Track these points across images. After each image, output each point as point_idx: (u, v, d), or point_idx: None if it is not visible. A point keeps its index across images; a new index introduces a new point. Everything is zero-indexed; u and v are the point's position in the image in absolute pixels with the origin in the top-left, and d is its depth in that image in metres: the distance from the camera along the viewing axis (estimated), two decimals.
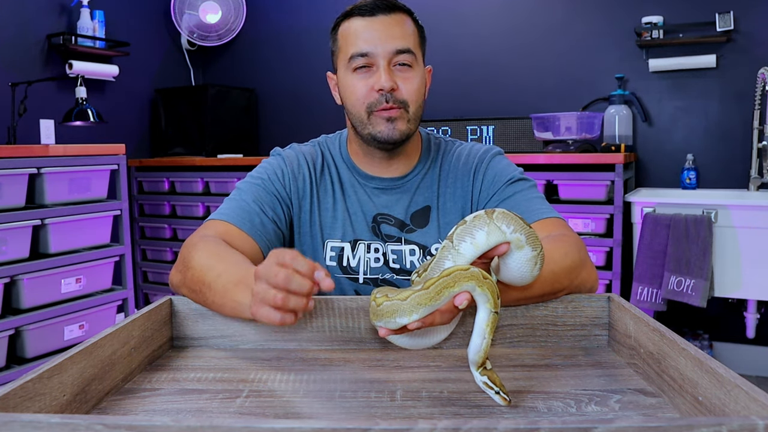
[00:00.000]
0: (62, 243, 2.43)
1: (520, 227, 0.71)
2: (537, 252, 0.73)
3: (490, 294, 0.67)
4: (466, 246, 0.71)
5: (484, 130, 3.00)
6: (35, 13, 2.94)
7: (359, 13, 1.08)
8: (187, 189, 3.27)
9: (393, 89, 1.06)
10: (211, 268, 0.89)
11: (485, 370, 0.67)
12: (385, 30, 1.06)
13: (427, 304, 0.66)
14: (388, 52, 1.06)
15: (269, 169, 1.16)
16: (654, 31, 2.77)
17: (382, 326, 0.70)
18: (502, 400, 0.65)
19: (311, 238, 1.15)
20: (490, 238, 0.70)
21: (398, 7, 1.09)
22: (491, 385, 0.66)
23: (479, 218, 0.71)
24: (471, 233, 0.71)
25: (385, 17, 1.07)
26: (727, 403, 0.56)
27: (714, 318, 2.80)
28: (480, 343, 0.67)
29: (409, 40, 1.08)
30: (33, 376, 0.59)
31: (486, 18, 3.18)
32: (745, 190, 2.67)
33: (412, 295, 0.67)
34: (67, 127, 3.01)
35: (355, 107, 1.09)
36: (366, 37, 1.06)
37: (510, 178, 1.12)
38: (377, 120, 1.08)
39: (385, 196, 1.16)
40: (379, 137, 1.09)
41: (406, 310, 0.67)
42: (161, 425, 0.44)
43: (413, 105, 1.09)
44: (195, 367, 0.82)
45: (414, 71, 1.09)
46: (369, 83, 1.07)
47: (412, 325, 0.67)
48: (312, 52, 3.57)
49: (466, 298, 0.66)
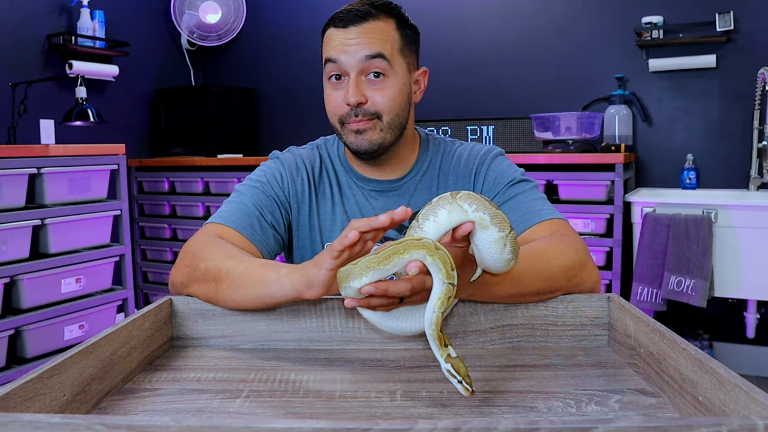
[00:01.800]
0: (62, 243, 2.43)
1: (483, 207, 0.71)
2: (505, 233, 0.73)
3: (442, 264, 0.67)
4: (429, 224, 0.72)
5: (484, 130, 3.00)
6: (35, 13, 2.94)
7: (334, 23, 1.07)
8: (187, 189, 3.27)
9: (360, 103, 1.06)
10: (229, 258, 0.90)
11: (450, 358, 0.66)
12: (356, 38, 1.05)
13: (375, 267, 0.67)
14: (357, 61, 1.05)
15: (268, 172, 1.16)
16: (654, 31, 2.77)
17: (343, 295, 0.72)
18: (465, 390, 0.64)
19: (310, 241, 1.16)
20: (452, 217, 0.71)
21: (372, 14, 1.06)
22: (454, 374, 0.65)
23: (443, 198, 0.73)
24: (434, 212, 0.72)
25: (355, 27, 1.05)
26: (727, 403, 0.56)
27: (714, 318, 2.80)
28: (431, 315, 0.68)
29: (382, 45, 1.05)
30: (33, 376, 0.59)
31: (486, 18, 3.18)
32: (745, 190, 2.67)
33: (363, 258, 0.69)
34: (67, 127, 3.01)
35: (331, 117, 1.11)
36: (337, 45, 1.06)
37: (511, 180, 1.12)
38: (347, 131, 1.09)
39: (383, 198, 1.16)
40: (351, 147, 1.10)
41: (356, 273, 0.69)
42: (161, 425, 0.44)
43: (387, 114, 1.07)
44: (195, 367, 0.82)
45: (387, 81, 1.07)
46: (341, 95, 1.07)
47: (364, 290, 0.68)
48: (312, 53, 3.57)
49: (416, 266, 0.67)
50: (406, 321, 0.75)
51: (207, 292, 0.89)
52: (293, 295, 0.81)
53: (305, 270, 0.79)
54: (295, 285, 0.80)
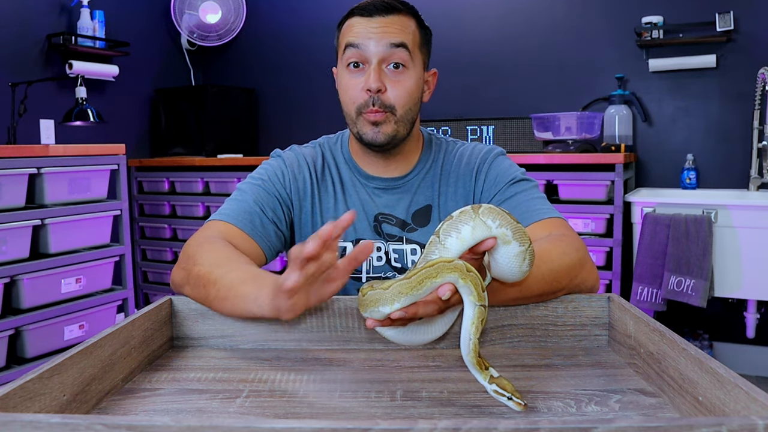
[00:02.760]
0: (62, 243, 2.43)
1: (506, 222, 0.71)
2: (525, 247, 0.73)
3: (473, 286, 0.67)
4: (452, 241, 0.71)
5: (484, 130, 3.00)
6: (35, 13, 2.94)
7: (359, 13, 1.08)
8: (187, 189, 3.27)
9: (380, 90, 1.06)
10: (218, 266, 0.89)
11: (493, 378, 0.65)
12: (380, 27, 1.06)
13: (408, 293, 0.66)
14: (380, 49, 1.06)
15: (270, 170, 1.16)
16: (654, 31, 2.77)
17: (367, 317, 0.70)
18: (517, 405, 0.63)
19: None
20: (476, 233, 0.70)
21: (397, 8, 1.08)
22: (502, 392, 0.64)
23: (465, 213, 0.72)
24: (457, 228, 0.71)
25: (381, 17, 1.07)
26: (727, 403, 0.56)
27: (714, 318, 2.80)
28: (467, 342, 0.66)
29: (406, 36, 1.07)
30: (33, 376, 0.59)
31: (486, 18, 3.18)
32: (745, 190, 2.67)
33: (395, 284, 0.67)
34: (67, 127, 3.01)
35: (347, 105, 1.11)
36: (360, 31, 1.07)
37: (512, 179, 1.12)
38: (363, 122, 1.09)
39: (386, 195, 1.16)
40: (365, 138, 1.10)
41: (388, 298, 0.67)
42: (161, 425, 0.44)
43: (401, 108, 1.08)
44: (195, 367, 0.82)
45: (407, 73, 1.08)
46: (359, 82, 1.07)
47: (395, 315, 0.67)
48: (312, 52, 3.57)
49: (449, 289, 0.66)
50: (420, 333, 0.75)
51: (199, 297, 0.90)
52: (272, 316, 0.78)
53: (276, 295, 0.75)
54: (271, 309, 0.77)
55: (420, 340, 0.76)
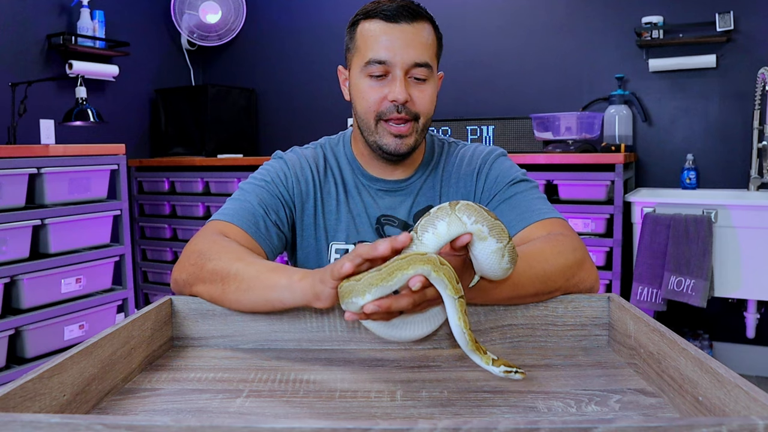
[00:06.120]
0: (62, 243, 2.43)
1: (482, 219, 0.71)
2: (503, 244, 0.73)
3: (447, 279, 0.67)
4: (428, 236, 0.72)
5: (484, 130, 3.00)
6: (35, 13, 2.94)
7: (382, 17, 1.05)
8: (187, 189, 3.27)
9: (407, 101, 1.06)
10: (237, 260, 0.89)
11: (496, 361, 0.69)
12: (406, 39, 1.04)
13: (378, 284, 0.67)
14: (406, 63, 1.05)
15: (272, 171, 1.15)
16: (654, 31, 2.77)
17: (345, 308, 0.71)
18: (522, 375, 0.69)
19: (315, 240, 1.15)
20: (451, 229, 0.71)
21: (421, 14, 1.07)
22: (509, 370, 0.69)
23: (442, 210, 0.72)
24: (433, 224, 0.72)
25: (407, 26, 1.05)
26: (727, 403, 0.56)
27: (714, 318, 2.80)
28: (462, 336, 0.69)
29: (428, 53, 1.06)
30: (33, 376, 0.59)
31: (486, 18, 3.18)
32: (745, 190, 2.67)
33: (366, 275, 0.68)
34: (67, 127, 3.01)
35: (366, 113, 1.09)
36: (386, 44, 1.04)
37: (512, 179, 1.12)
38: (385, 131, 1.08)
39: (389, 197, 1.16)
40: (386, 149, 1.09)
41: (359, 290, 0.68)
42: (161, 425, 0.44)
43: (424, 117, 1.09)
44: (195, 367, 0.82)
45: (429, 84, 1.08)
46: (382, 92, 1.06)
47: (368, 308, 0.67)
48: (312, 52, 3.57)
49: (419, 281, 0.66)
50: (405, 329, 0.75)
51: (212, 293, 0.89)
52: (303, 302, 0.80)
53: (314, 282, 0.77)
54: (306, 294, 0.79)
55: (404, 335, 0.75)
